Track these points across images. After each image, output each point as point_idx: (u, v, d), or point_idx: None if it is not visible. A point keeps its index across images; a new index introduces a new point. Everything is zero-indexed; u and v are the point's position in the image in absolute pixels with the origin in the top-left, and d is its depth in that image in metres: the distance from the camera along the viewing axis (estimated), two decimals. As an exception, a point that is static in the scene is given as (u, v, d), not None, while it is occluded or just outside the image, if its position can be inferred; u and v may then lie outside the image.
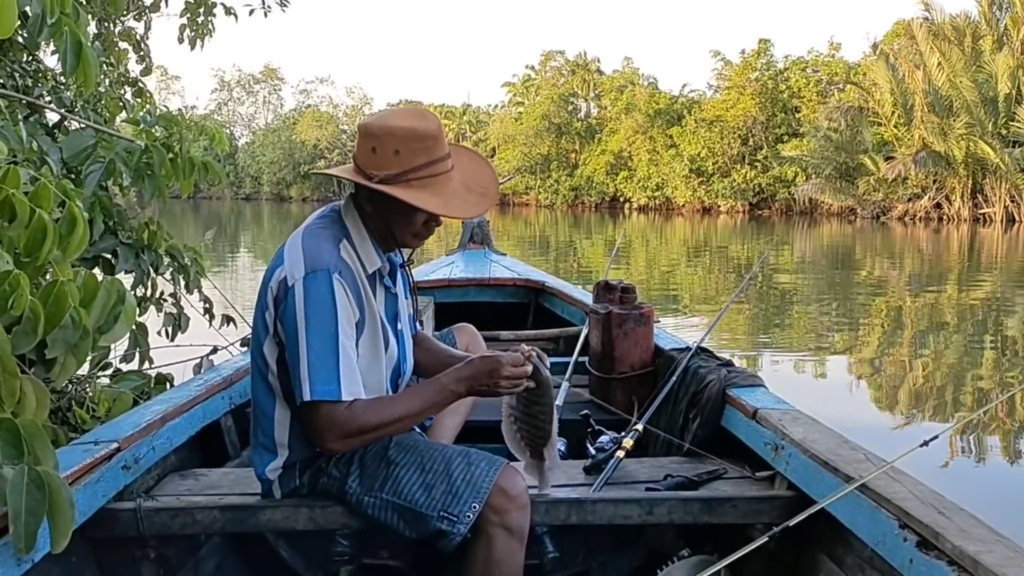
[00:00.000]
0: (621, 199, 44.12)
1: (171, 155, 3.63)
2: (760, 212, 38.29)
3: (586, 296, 3.75)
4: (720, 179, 39.06)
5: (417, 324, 2.19)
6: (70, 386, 2.44)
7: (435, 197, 1.78)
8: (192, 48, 4.52)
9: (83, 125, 3.21)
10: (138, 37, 4.64)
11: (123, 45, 4.69)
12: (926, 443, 1.71)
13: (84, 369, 3.43)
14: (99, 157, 2.72)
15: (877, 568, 1.66)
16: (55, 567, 1.68)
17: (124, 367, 3.55)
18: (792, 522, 1.67)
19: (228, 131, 66.40)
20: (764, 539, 1.64)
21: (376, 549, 2.48)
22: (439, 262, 5.07)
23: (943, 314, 10.12)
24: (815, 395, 5.98)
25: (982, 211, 30.15)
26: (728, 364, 2.45)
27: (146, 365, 3.67)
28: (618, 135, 43.90)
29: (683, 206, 40.40)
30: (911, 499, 1.54)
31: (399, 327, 1.99)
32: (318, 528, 1.89)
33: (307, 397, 1.71)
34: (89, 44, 2.31)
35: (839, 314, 10.27)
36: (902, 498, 1.55)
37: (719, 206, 39.22)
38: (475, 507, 1.76)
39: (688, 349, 2.59)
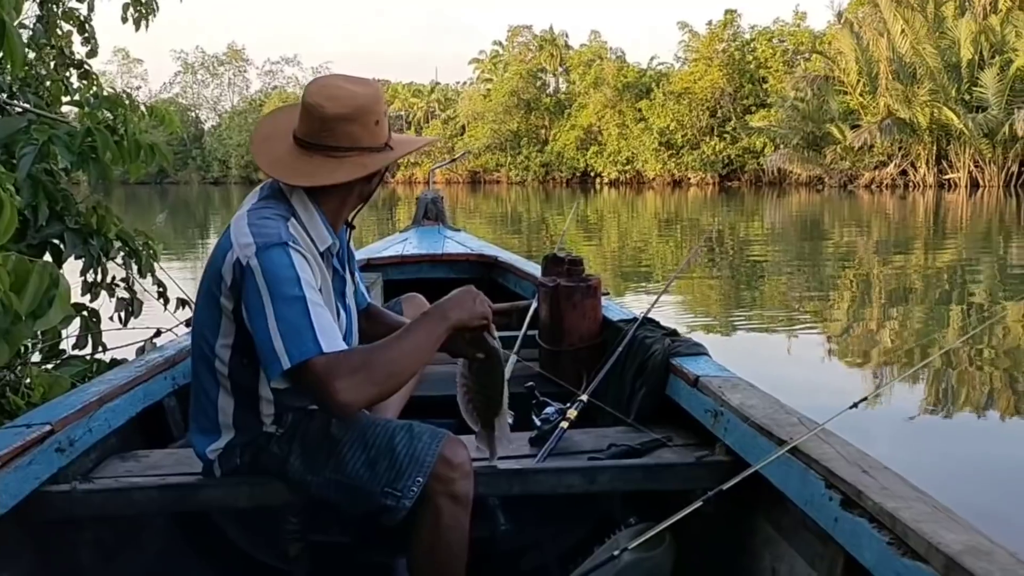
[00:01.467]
0: (592, 174, 44.16)
1: (116, 138, 3.58)
2: (730, 183, 38.50)
3: (538, 270, 3.75)
4: (690, 151, 39.19)
5: (367, 296, 2.17)
6: (4, 372, 2.40)
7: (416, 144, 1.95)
8: (137, 28, 4.43)
9: (20, 109, 3.15)
10: (81, 18, 4.54)
11: (67, 27, 4.59)
12: (855, 405, 1.73)
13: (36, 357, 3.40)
14: (32, 140, 2.66)
15: (809, 529, 1.68)
16: None
17: (78, 353, 3.51)
18: (726, 486, 1.69)
19: (194, 114, 65.58)
20: (698, 504, 1.66)
21: (325, 526, 2.48)
22: (392, 239, 5.04)
23: (909, 279, 10.25)
24: (781, 363, 6.04)
25: (947, 177, 30.52)
26: (673, 333, 2.46)
27: (99, 351, 3.63)
28: (587, 110, 43.88)
29: (653, 179, 40.51)
30: (838, 460, 1.56)
31: (347, 303, 1.98)
32: (260, 506, 1.89)
33: (286, 365, 1.63)
34: (15, 24, 2.26)
35: (808, 283, 10.36)
36: (829, 459, 1.57)
37: (689, 178, 39.38)
38: (419, 481, 1.76)
39: (635, 320, 2.60)
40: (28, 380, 2.37)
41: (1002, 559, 1.17)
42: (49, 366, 2.79)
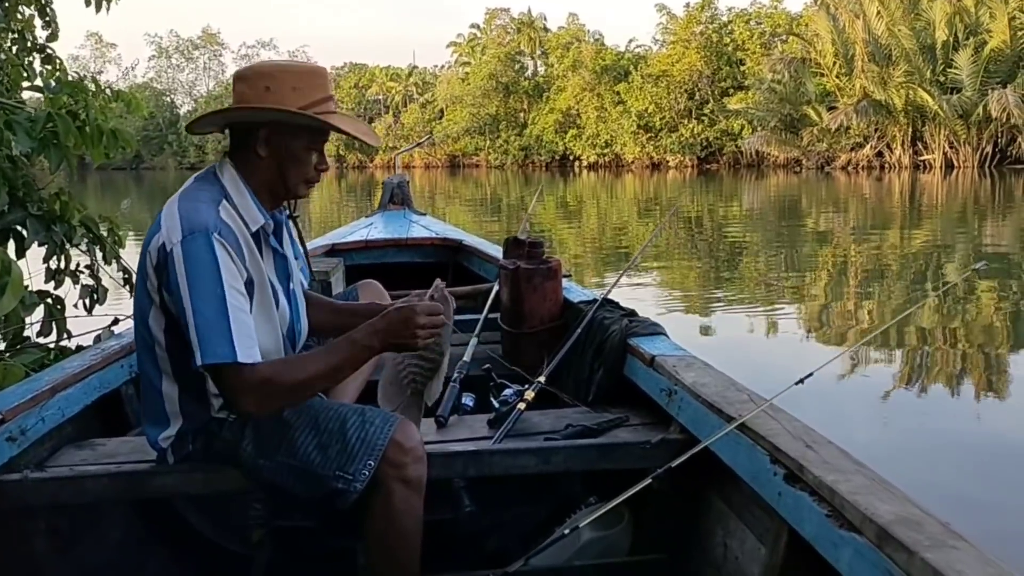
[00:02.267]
0: (571, 157, 44.15)
1: (78, 123, 3.54)
2: (708, 166, 38.59)
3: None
4: (668, 134, 39.24)
5: (305, 283, 2.16)
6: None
7: (344, 126, 1.82)
8: (98, 11, 4.37)
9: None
10: (42, 1, 4.48)
11: (28, 11, 4.53)
12: (800, 381, 1.75)
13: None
14: (-15, 125, 2.63)
15: (757, 504, 1.71)
16: None
17: (42, 341, 3.49)
18: (675, 463, 1.71)
19: (169, 99, 64.86)
20: (648, 481, 1.68)
21: (288, 511, 2.48)
22: (357, 224, 5.03)
23: (883, 260, 10.33)
24: (752, 343, 6.10)
25: (922, 158, 30.75)
26: (631, 314, 2.48)
27: (64, 338, 3.61)
28: (566, 93, 43.81)
29: (632, 162, 40.56)
30: (784, 435, 1.59)
31: (291, 287, 1.97)
32: (216, 492, 1.89)
33: (199, 362, 1.67)
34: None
35: (784, 264, 10.43)
36: (775, 434, 1.59)
37: (668, 161, 39.44)
38: (370, 464, 1.77)
39: (595, 301, 2.61)
40: (-19, 375, 2.35)
41: (932, 528, 1.19)
42: (4, 354, 2.76)
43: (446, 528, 2.48)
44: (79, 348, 3.43)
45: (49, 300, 3.50)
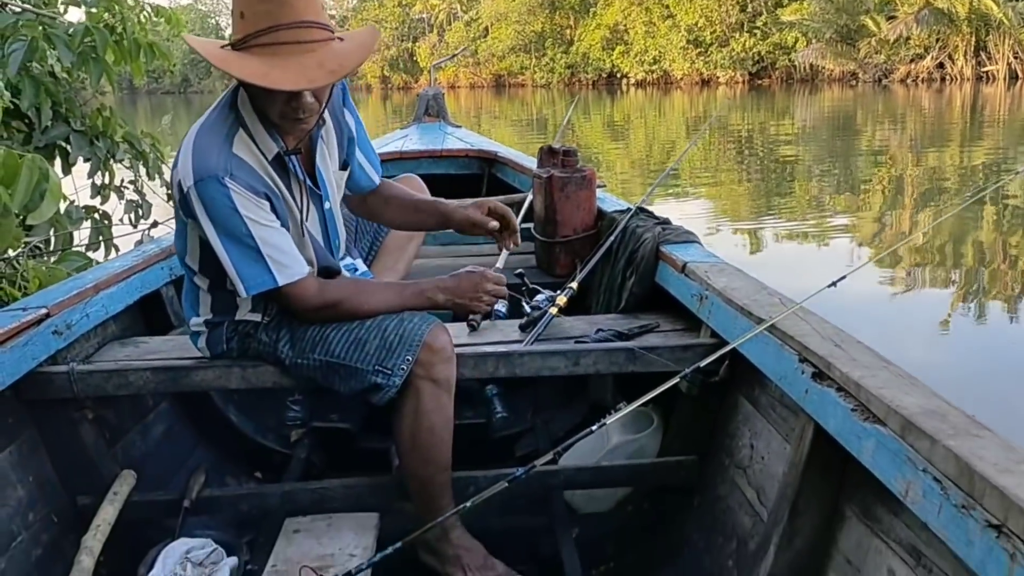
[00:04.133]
0: (618, 75, 43.20)
1: (116, 37, 3.55)
2: (760, 81, 37.50)
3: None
4: (718, 49, 38.11)
5: (374, 178, 2.14)
6: (1, 264, 2.46)
7: (262, 66, 1.56)
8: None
9: (15, 7, 3.12)
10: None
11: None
12: (833, 283, 1.72)
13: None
14: (21, 36, 2.65)
15: (785, 404, 1.71)
16: None
17: (91, 256, 3.58)
18: (704, 363, 1.71)
19: (214, 21, 64.61)
20: (676, 380, 1.68)
21: (326, 412, 2.56)
22: (392, 136, 5.01)
23: (943, 175, 10.02)
24: (802, 262, 6.01)
25: (985, 69, 29.50)
26: (665, 223, 2.45)
27: (112, 253, 3.70)
28: (613, 7, 42.62)
29: (681, 79, 39.58)
30: (813, 335, 1.57)
31: (327, 207, 1.95)
32: (252, 387, 1.94)
33: (243, 294, 1.75)
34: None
35: (837, 182, 10.18)
36: (804, 335, 1.58)
37: (718, 77, 38.41)
38: (408, 359, 1.80)
39: (629, 211, 2.58)
40: (25, 272, 2.42)
41: (956, 419, 1.18)
42: (49, 260, 2.84)
43: (479, 432, 2.54)
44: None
45: (96, 215, 3.58)
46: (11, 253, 2.45)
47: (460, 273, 1.94)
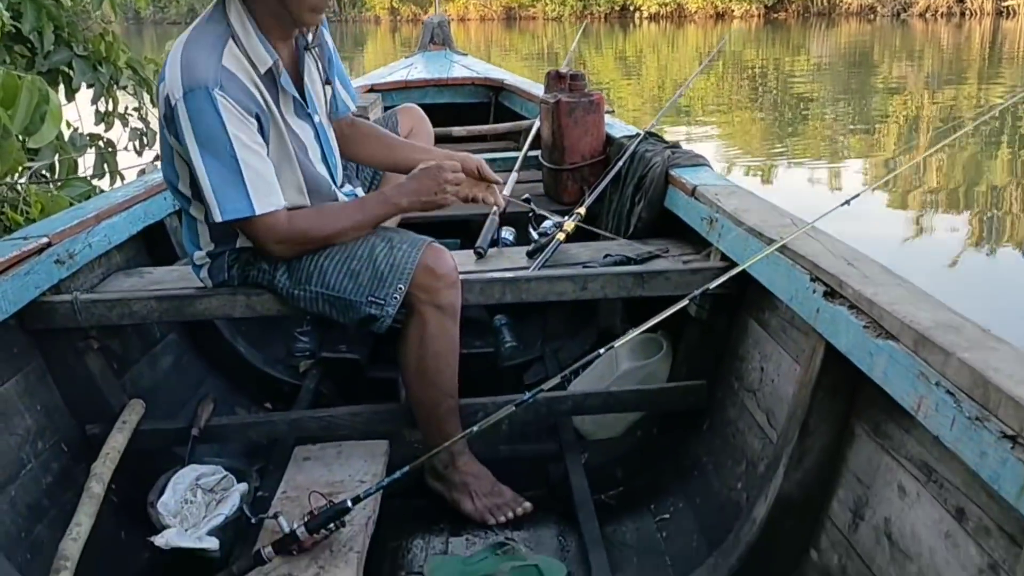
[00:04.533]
0: (631, 8, 42.23)
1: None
2: (775, 15, 36.65)
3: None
4: (734, -19, 37.19)
5: (350, 105, 2.10)
6: (2, 188, 2.43)
7: None
8: None
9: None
10: None
11: None
12: (847, 202, 1.68)
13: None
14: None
15: (796, 326, 1.68)
16: None
17: (96, 184, 3.55)
18: (713, 285, 1.68)
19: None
20: (685, 302, 1.65)
21: (334, 343, 2.55)
22: (396, 65, 4.93)
23: (959, 111, 9.82)
24: (814, 196, 5.93)
25: (1006, 3, 28.72)
26: (675, 146, 2.40)
27: (117, 182, 3.67)
28: (626, -62, 41.55)
29: (695, 12, 38.71)
30: (825, 255, 1.54)
31: (316, 121, 1.91)
32: (257, 315, 1.93)
33: (218, 218, 1.70)
34: None
35: (851, 118, 10.00)
36: (816, 254, 1.55)
37: (732, 11, 37.54)
38: (400, 288, 1.78)
39: (638, 136, 2.53)
40: (27, 197, 2.40)
41: (971, 333, 1.16)
42: (51, 187, 2.82)
43: (487, 361, 2.53)
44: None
45: (100, 143, 3.53)
46: (15, 178, 2.42)
47: (416, 172, 1.88)
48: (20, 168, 2.31)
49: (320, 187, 1.91)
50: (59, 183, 2.83)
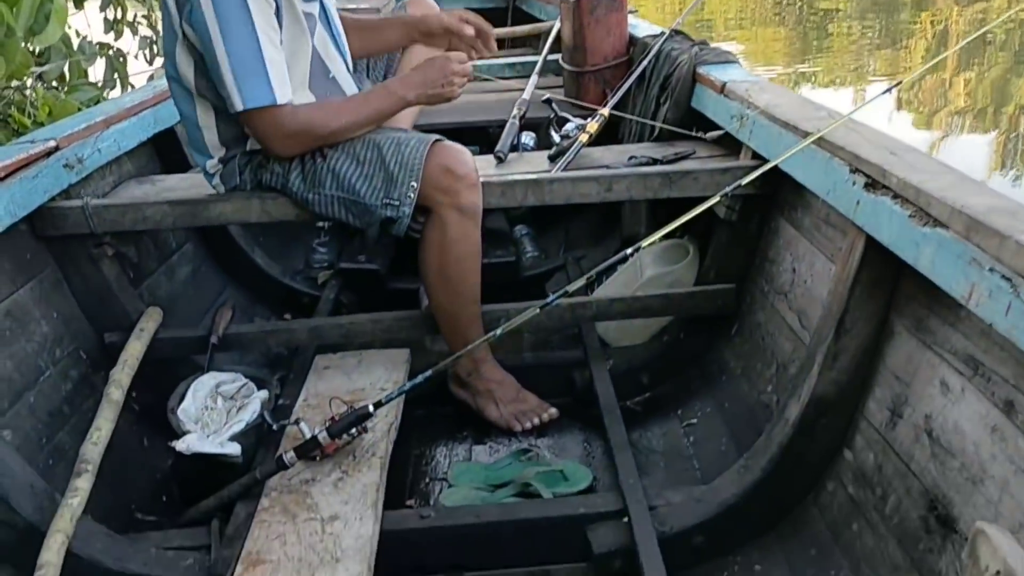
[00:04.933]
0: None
1: None
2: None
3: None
4: None
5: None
6: (10, 90, 2.37)
7: None
8: None
9: None
10: None
11: None
12: (888, 91, 1.59)
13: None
14: None
15: (831, 223, 1.62)
16: (8, 263, 1.71)
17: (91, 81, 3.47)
18: (744, 181, 1.61)
19: None
20: (716, 199, 1.58)
21: (353, 254, 2.51)
22: None
23: (991, 32, 9.47)
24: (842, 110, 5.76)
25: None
26: (702, 43, 2.29)
27: (128, 91, 3.59)
28: None
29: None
30: (864, 145, 1.46)
31: (329, 15, 1.86)
32: (273, 220, 1.88)
33: (240, 107, 1.64)
34: None
35: (880, 33, 9.67)
36: (855, 145, 1.47)
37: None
38: (413, 186, 1.73)
39: (663, 34, 2.42)
40: (35, 100, 2.35)
41: None
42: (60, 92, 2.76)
43: (509, 270, 2.48)
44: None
45: (110, 52, 3.44)
46: (23, 82, 2.36)
47: (422, 64, 1.82)
48: (27, 71, 2.25)
49: (327, 75, 1.84)
50: (67, 88, 2.77)
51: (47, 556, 1.25)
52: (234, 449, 1.65)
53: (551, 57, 2.80)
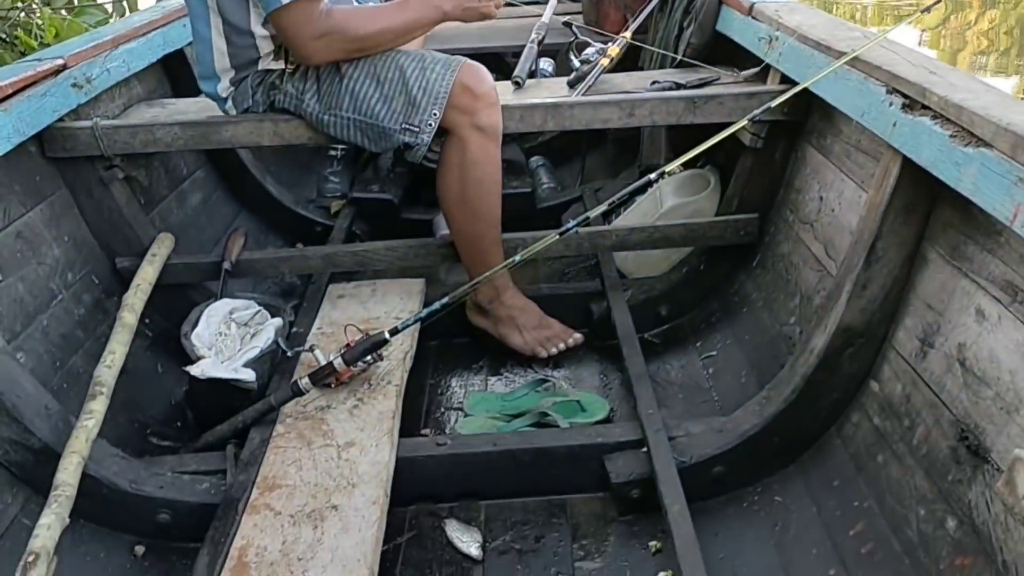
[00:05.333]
0: None
1: None
2: None
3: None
4: None
5: None
6: (15, 11, 2.31)
7: None
8: None
9: None
10: None
11: None
12: (927, 9, 1.52)
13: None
14: None
15: (863, 149, 1.56)
16: (18, 184, 1.68)
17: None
18: (774, 103, 1.55)
19: None
20: (744, 122, 1.53)
21: (366, 183, 2.47)
22: None
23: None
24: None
25: None
26: (729, -36, 2.20)
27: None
28: None
29: None
30: (902, 64, 1.40)
31: None
32: (285, 144, 1.84)
33: (267, 9, 1.61)
34: None
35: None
36: (892, 65, 1.41)
37: None
38: (435, 114, 1.68)
39: (688, -46, 2.32)
40: (40, 21, 2.29)
41: None
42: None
43: (524, 201, 2.44)
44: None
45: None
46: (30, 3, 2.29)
47: None
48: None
49: None
50: (74, 11, 2.70)
51: (63, 476, 1.23)
52: (248, 375, 1.64)
53: (570, -19, 2.71)
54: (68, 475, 1.24)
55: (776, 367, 1.59)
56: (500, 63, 2.48)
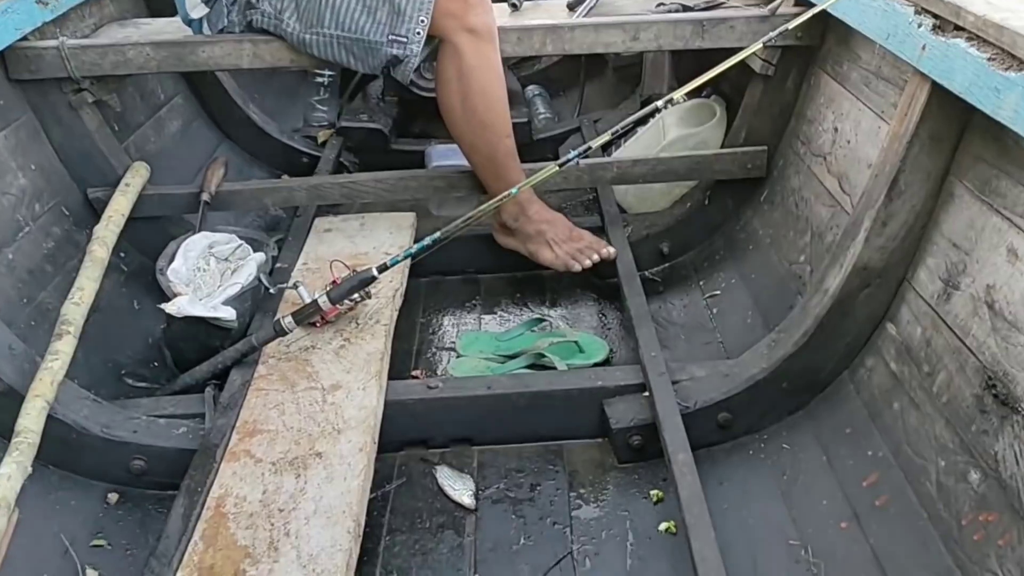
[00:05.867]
0: None
1: None
2: None
3: None
4: None
5: None
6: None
7: None
8: None
9: None
10: None
11: None
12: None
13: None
14: None
15: (883, 76, 1.46)
16: None
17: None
18: (791, 25, 1.44)
19: None
20: (755, 47, 1.42)
21: (355, 112, 2.36)
22: None
23: None
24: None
25: None
26: None
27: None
28: None
29: None
30: None
31: None
32: (266, 66, 1.73)
33: None
34: None
35: None
36: None
37: None
38: (423, 21, 1.58)
39: None
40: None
41: None
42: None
43: (521, 132, 2.32)
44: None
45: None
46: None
47: None
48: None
49: None
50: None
51: (25, 422, 1.15)
52: (228, 313, 1.54)
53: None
54: (31, 421, 1.15)
55: (784, 308, 1.52)
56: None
